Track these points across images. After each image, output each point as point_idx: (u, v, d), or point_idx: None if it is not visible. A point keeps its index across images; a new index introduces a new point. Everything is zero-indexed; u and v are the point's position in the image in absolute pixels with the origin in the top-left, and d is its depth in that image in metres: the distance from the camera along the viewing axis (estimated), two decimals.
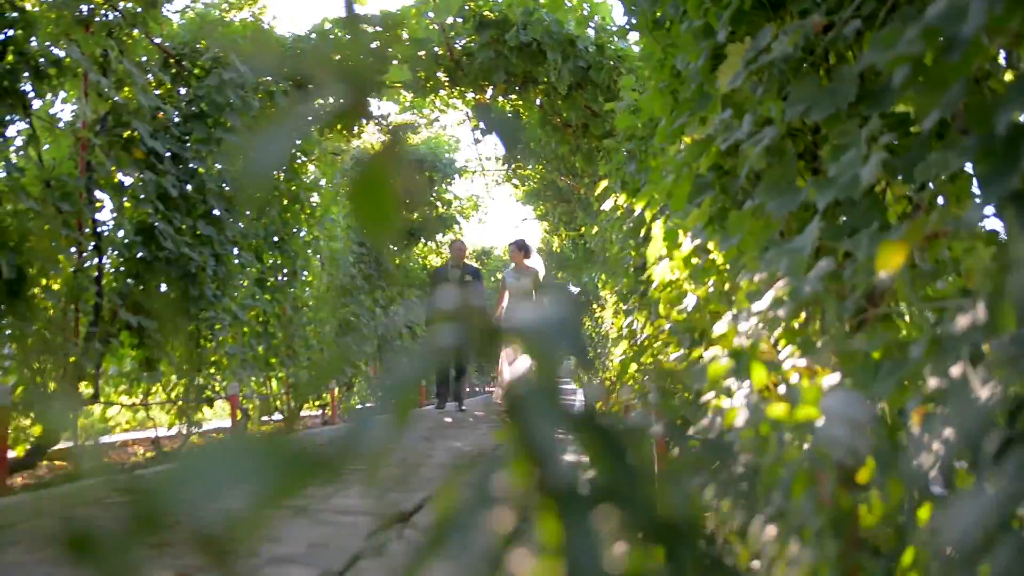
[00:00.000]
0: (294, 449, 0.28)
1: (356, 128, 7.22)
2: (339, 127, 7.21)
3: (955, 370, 0.72)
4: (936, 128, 1.44)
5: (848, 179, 1.36)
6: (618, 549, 0.30)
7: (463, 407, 8.05)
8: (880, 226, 1.47)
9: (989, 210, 0.86)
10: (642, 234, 4.31)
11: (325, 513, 2.09)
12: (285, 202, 6.60)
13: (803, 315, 1.59)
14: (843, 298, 1.35)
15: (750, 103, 1.92)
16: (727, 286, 2.74)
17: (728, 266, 2.52)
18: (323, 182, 7.39)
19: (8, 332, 3.50)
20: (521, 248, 7.79)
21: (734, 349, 1.27)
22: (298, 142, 6.73)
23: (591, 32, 5.37)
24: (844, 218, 1.50)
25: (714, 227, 2.24)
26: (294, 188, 6.73)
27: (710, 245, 2.40)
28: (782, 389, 1.19)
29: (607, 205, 5.04)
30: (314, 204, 7.19)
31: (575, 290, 8.28)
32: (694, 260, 2.66)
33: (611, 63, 5.47)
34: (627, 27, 3.69)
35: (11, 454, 3.43)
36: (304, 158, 7.00)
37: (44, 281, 3.58)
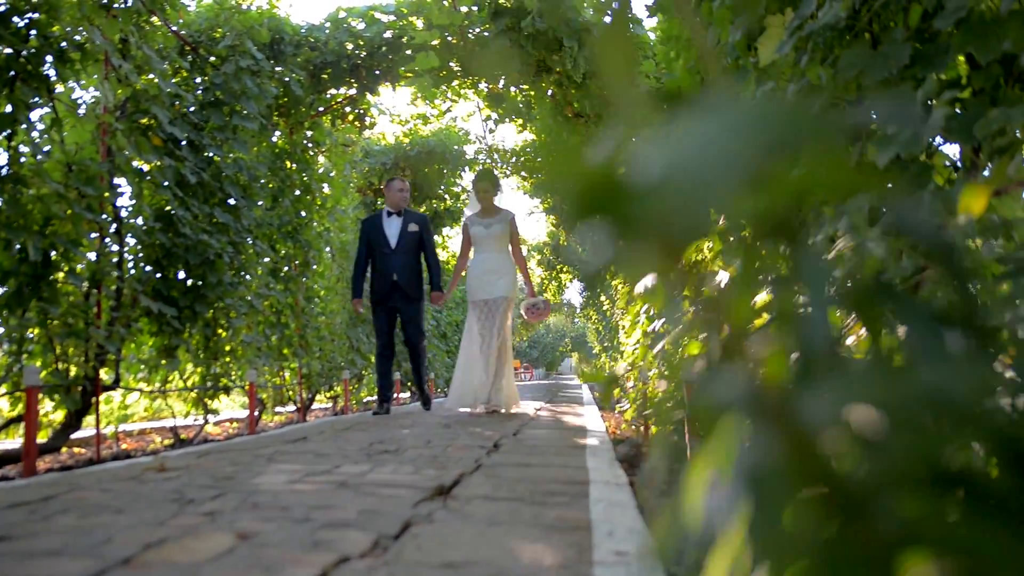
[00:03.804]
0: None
1: (368, 119, 7.21)
2: (350, 118, 7.21)
3: None
4: (990, 88, 1.45)
5: (908, 136, 1.36)
6: None
7: (428, 405, 6.13)
8: (936, 187, 1.48)
9: None
10: None
11: (366, 487, 2.09)
12: (297, 192, 6.61)
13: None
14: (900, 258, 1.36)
15: (795, 73, 1.93)
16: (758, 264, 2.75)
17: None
18: (333, 173, 7.38)
19: (30, 316, 3.49)
20: (487, 178, 5.60)
21: None
22: (310, 132, 6.72)
23: (607, 20, 5.35)
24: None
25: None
26: (306, 179, 6.74)
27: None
28: None
29: None
30: (325, 196, 7.19)
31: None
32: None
33: None
34: (649, 9, 3.68)
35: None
36: (315, 149, 7.00)
37: (67, 265, 3.58)
